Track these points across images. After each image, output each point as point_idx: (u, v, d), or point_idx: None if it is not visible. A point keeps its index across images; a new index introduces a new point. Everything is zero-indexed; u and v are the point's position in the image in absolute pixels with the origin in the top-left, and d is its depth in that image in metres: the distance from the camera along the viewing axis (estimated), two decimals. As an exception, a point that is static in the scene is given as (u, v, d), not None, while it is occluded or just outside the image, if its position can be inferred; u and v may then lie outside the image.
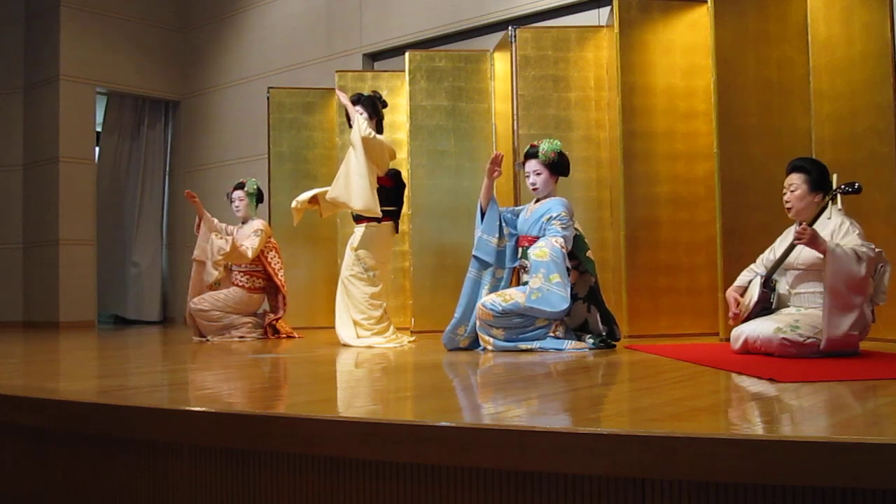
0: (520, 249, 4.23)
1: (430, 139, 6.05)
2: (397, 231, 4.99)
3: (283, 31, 8.46)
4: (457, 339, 4.22)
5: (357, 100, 4.87)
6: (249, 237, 5.63)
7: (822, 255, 3.37)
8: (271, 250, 5.77)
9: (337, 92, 5.05)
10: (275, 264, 5.75)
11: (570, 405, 2.32)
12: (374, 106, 4.88)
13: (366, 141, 4.64)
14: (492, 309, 4.04)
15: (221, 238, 5.53)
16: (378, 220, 4.77)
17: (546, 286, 3.90)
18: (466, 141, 6.10)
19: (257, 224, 5.72)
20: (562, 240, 4.03)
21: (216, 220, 5.80)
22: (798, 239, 3.22)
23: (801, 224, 3.30)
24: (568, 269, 4.03)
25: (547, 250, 3.98)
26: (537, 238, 4.13)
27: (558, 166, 4.25)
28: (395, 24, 7.45)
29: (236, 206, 5.85)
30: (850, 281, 3.14)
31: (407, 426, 1.85)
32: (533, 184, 4.26)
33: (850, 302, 3.17)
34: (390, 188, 4.88)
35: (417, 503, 1.83)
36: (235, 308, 5.60)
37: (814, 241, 3.20)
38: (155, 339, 6.39)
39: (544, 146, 4.22)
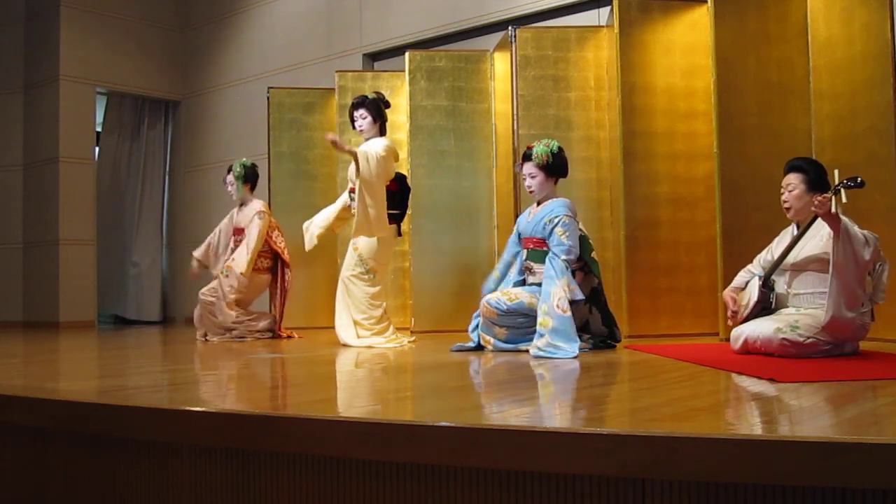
0: (525, 252, 4.22)
1: (430, 139, 6.05)
2: (400, 234, 4.99)
3: (283, 31, 8.46)
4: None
5: (361, 102, 4.85)
6: (252, 220, 5.64)
7: (819, 254, 3.38)
8: (274, 230, 5.79)
9: (329, 138, 4.69)
10: (280, 243, 5.78)
11: (570, 405, 2.32)
12: (379, 109, 4.87)
13: (378, 171, 4.61)
14: (496, 307, 4.04)
15: (229, 278, 5.55)
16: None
17: (552, 349, 3.73)
18: (466, 141, 6.10)
19: (257, 206, 5.74)
20: (564, 294, 3.83)
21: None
22: (818, 208, 3.16)
23: (822, 196, 3.21)
24: (574, 301, 3.91)
25: (549, 320, 3.77)
26: (542, 240, 4.10)
27: (554, 168, 4.18)
28: (395, 24, 7.44)
29: (229, 190, 5.92)
30: (856, 262, 3.13)
31: (407, 426, 1.85)
32: (529, 187, 4.23)
33: (852, 285, 3.16)
34: (395, 192, 4.87)
35: (417, 503, 1.83)
36: (245, 293, 5.60)
37: (832, 213, 3.12)
38: (155, 339, 6.39)
39: (538, 149, 4.16)
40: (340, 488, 1.92)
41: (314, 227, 5.03)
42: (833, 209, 3.09)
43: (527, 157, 4.23)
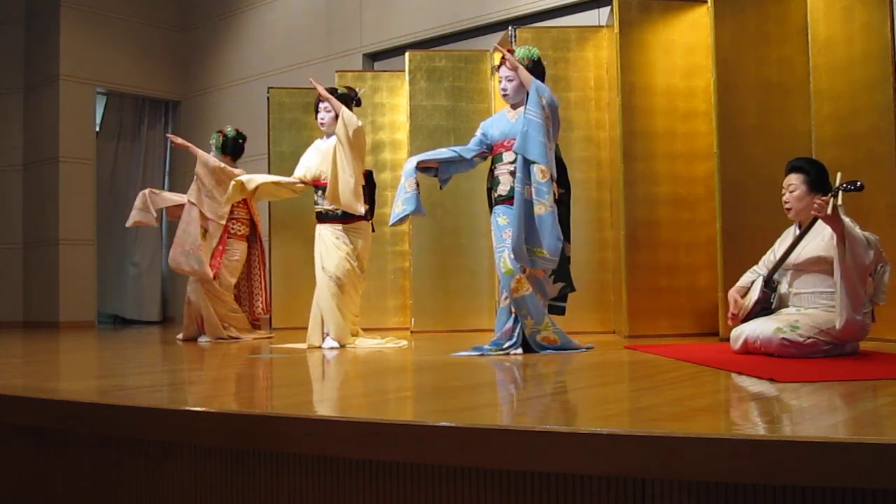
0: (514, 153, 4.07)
1: (430, 139, 6.04)
2: (374, 230, 4.92)
3: (283, 31, 8.46)
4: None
5: (332, 93, 4.75)
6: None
7: (821, 255, 3.38)
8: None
9: (313, 81, 4.80)
10: (257, 212, 5.74)
11: (570, 405, 2.32)
12: (348, 103, 4.77)
13: (357, 132, 4.54)
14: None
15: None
16: (365, 217, 4.72)
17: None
18: (466, 141, 6.07)
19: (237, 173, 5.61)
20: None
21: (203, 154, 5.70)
22: (817, 211, 3.15)
23: (820, 199, 3.20)
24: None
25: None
26: None
27: (532, 74, 4.03)
28: (395, 24, 7.45)
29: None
30: (858, 264, 3.12)
31: (407, 426, 1.85)
32: (504, 89, 4.10)
33: (857, 287, 3.15)
34: (364, 187, 4.76)
35: (416, 503, 1.83)
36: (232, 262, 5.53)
37: (832, 216, 3.11)
38: (155, 339, 6.39)
39: (520, 52, 4.07)
40: (340, 488, 1.92)
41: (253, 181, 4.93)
42: (830, 212, 3.08)
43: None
